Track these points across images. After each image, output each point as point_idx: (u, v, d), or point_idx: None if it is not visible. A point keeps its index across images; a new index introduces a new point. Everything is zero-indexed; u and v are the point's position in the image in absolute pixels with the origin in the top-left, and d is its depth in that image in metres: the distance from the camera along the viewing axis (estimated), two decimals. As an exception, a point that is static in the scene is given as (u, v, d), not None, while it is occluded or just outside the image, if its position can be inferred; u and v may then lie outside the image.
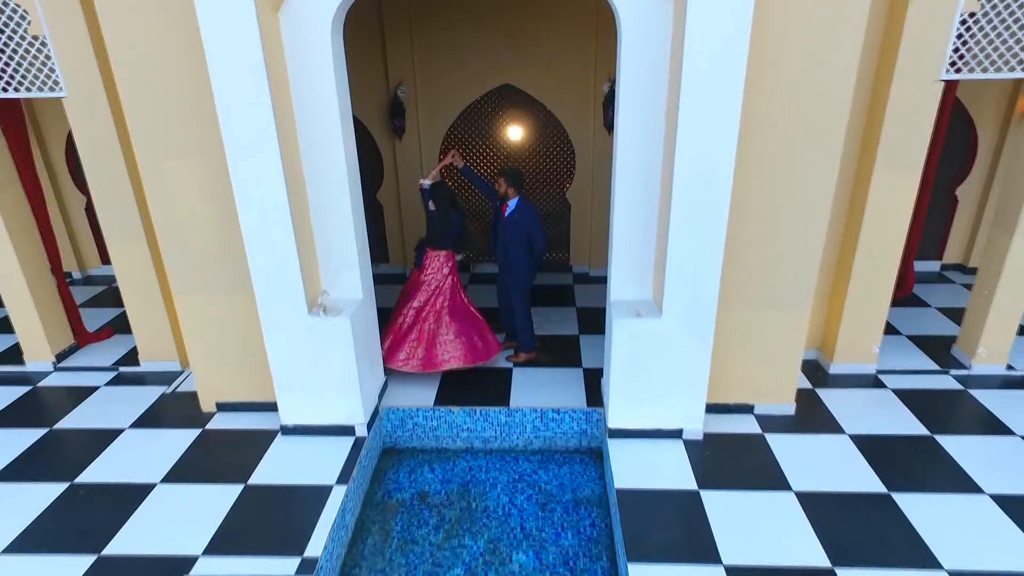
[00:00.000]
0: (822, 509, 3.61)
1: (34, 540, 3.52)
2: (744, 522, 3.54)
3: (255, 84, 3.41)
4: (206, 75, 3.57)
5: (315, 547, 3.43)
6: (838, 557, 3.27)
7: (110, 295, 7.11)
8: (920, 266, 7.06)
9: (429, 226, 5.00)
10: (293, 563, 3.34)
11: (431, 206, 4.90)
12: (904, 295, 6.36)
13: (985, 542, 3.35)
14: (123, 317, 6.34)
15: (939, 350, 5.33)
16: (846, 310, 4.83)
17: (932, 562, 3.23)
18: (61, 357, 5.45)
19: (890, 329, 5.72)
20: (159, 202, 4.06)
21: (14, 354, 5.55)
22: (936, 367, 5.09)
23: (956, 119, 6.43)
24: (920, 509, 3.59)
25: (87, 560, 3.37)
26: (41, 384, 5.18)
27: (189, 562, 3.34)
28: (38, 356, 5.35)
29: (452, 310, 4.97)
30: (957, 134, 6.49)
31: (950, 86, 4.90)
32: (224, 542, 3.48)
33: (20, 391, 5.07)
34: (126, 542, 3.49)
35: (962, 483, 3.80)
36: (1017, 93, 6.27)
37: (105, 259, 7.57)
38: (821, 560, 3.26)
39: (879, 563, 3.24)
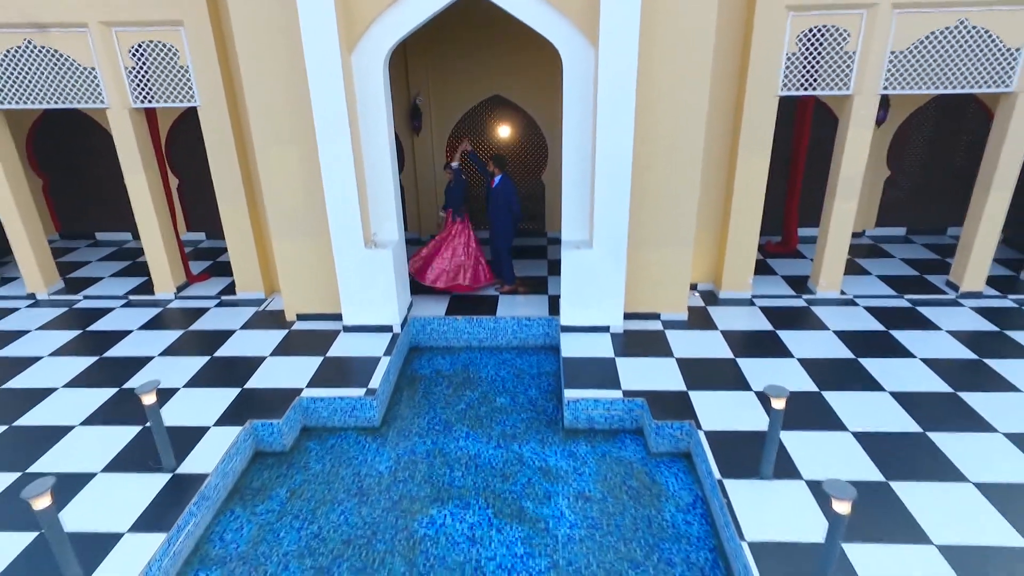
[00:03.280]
0: (689, 366, 5.55)
1: (198, 382, 5.46)
2: (639, 371, 5.49)
3: (337, 96, 5.33)
4: (303, 89, 5.49)
5: (373, 384, 5.38)
6: (691, 384, 5.23)
7: (194, 253, 9.01)
8: (811, 232, 8.98)
9: (455, 195, 6.92)
10: (361, 391, 5.28)
11: (454, 181, 6.86)
12: (790, 250, 8.34)
13: (784, 379, 5.28)
14: (212, 267, 8.30)
15: (800, 284, 7.27)
16: (727, 253, 6.74)
17: (747, 387, 5.18)
18: (178, 290, 7.37)
19: (771, 271, 7.66)
20: (267, 175, 5.98)
21: (146, 287, 7.49)
22: (793, 294, 7.03)
23: (831, 121, 8.34)
24: (750, 365, 5.53)
25: (235, 391, 5.31)
26: (169, 307, 7.10)
27: (298, 391, 5.29)
28: (164, 289, 7.27)
29: (464, 249, 6.94)
30: (832, 131, 8.38)
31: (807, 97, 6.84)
32: (318, 382, 5.42)
33: (155, 311, 7.00)
34: (257, 383, 5.44)
35: (783, 352, 5.75)
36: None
37: (190, 227, 9.48)
38: (680, 387, 5.22)
39: (713, 387, 5.19)
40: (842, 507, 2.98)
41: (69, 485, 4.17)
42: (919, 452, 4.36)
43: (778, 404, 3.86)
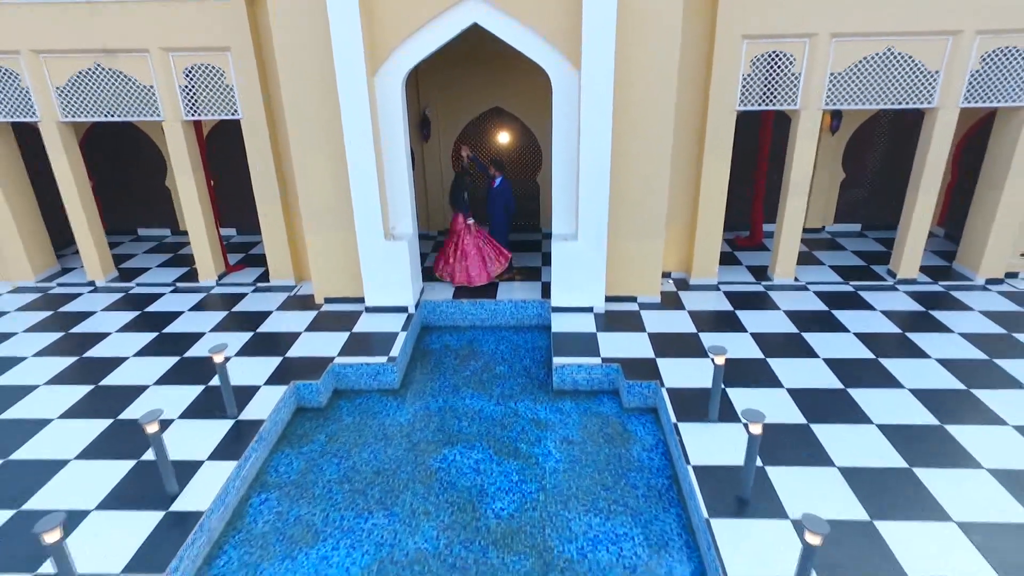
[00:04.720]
0: (659, 339, 6.49)
1: (246, 352, 6.39)
2: (617, 343, 6.42)
3: (363, 113, 6.25)
4: (334, 106, 6.41)
5: (394, 353, 6.32)
6: (659, 353, 6.16)
7: (228, 247, 9.92)
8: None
9: (462, 198, 7.82)
10: (383, 359, 6.22)
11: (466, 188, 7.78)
12: (755, 244, 9.27)
13: (736, 348, 6.21)
14: (246, 258, 9.23)
15: (761, 272, 8.20)
16: (696, 245, 7.67)
17: (705, 354, 6.12)
18: (219, 278, 8.30)
19: (738, 262, 8.59)
20: (302, 178, 6.90)
21: (190, 276, 8.43)
22: (754, 280, 7.96)
23: (792, 129, 9.26)
24: (710, 338, 6.46)
25: (278, 359, 6.25)
26: (211, 292, 8.03)
27: (330, 359, 6.22)
28: (207, 277, 8.19)
29: (469, 244, 7.83)
30: (793, 139, 9.32)
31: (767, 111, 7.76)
32: (347, 351, 6.36)
33: (200, 295, 7.92)
34: (296, 352, 6.37)
35: (739, 328, 6.68)
36: (824, 115, 9.11)
37: (224, 223, 10.38)
38: (650, 355, 6.15)
39: (677, 355, 6.12)
40: (755, 428, 3.91)
41: (153, 428, 5.10)
42: (838, 403, 5.29)
43: (719, 361, 4.79)
